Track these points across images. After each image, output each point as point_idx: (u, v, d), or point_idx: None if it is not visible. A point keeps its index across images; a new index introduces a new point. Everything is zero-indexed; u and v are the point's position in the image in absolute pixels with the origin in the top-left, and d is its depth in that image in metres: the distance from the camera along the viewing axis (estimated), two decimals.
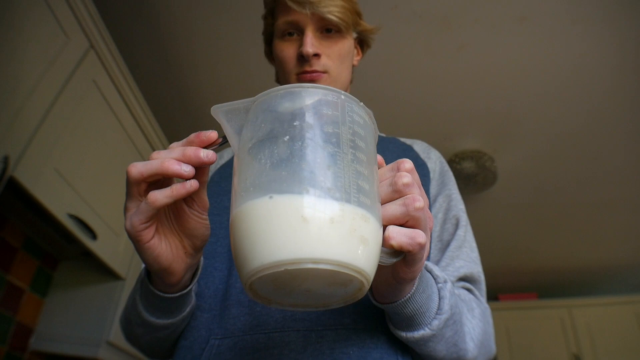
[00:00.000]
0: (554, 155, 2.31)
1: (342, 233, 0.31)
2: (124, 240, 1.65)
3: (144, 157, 1.82)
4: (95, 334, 1.54)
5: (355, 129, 0.36)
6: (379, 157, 0.41)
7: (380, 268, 0.37)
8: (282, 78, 0.78)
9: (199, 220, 0.43)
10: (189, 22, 1.74)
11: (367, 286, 0.33)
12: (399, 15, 1.69)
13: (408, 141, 0.79)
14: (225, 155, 0.81)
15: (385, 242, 0.35)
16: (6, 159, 1.08)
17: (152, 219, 0.39)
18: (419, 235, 0.35)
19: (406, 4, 1.66)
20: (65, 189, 1.33)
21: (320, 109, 0.35)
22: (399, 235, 0.35)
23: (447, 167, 0.76)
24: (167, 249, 0.42)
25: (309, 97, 0.35)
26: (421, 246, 0.36)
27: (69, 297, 1.65)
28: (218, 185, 0.72)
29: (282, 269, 0.30)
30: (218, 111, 0.38)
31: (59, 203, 1.30)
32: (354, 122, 0.36)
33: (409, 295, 0.43)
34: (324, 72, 0.73)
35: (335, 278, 0.31)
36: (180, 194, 0.38)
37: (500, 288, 3.49)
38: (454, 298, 0.48)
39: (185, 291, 0.49)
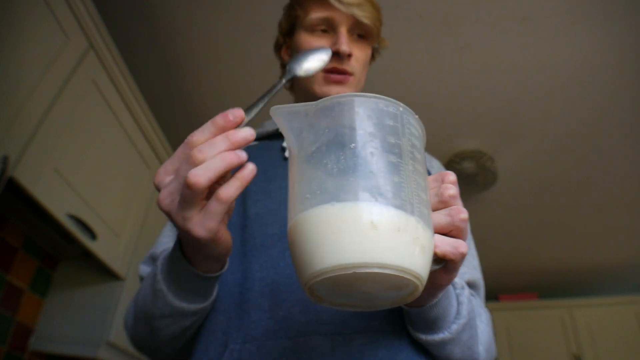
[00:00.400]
0: (554, 155, 2.31)
1: (407, 241, 0.33)
2: (124, 240, 1.65)
3: (144, 157, 1.82)
4: (95, 334, 1.54)
5: (413, 141, 0.37)
6: None
7: None
8: None
9: None
10: (189, 22, 1.74)
11: (420, 291, 0.35)
12: (401, 16, 1.69)
13: None
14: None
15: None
16: (6, 159, 1.08)
17: (224, 214, 0.39)
18: (461, 245, 0.37)
19: (408, 5, 1.66)
20: (65, 189, 1.33)
21: (383, 119, 0.36)
22: (444, 244, 0.37)
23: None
24: (226, 231, 0.43)
25: (371, 107, 0.37)
26: (463, 255, 0.37)
27: (69, 297, 1.65)
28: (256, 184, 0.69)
29: (351, 271, 0.32)
30: (278, 112, 0.38)
31: (59, 203, 1.29)
32: (412, 134, 0.37)
33: (437, 300, 0.44)
34: (352, 74, 0.73)
35: (395, 282, 0.33)
36: (247, 180, 0.38)
37: (501, 288, 3.49)
38: (471, 304, 0.50)
39: (226, 267, 0.49)
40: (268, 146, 0.74)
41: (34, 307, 1.60)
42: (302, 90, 0.78)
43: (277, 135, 0.76)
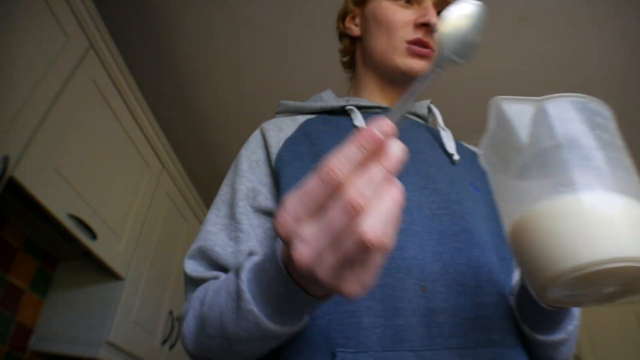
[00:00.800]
0: None
1: None
2: (124, 240, 1.65)
3: (144, 157, 1.82)
4: (95, 334, 1.54)
5: (616, 132, 0.38)
6: None
7: None
8: (383, 43, 0.70)
9: None
10: (189, 22, 1.74)
11: None
12: None
13: (471, 146, 0.76)
14: (285, 127, 0.68)
15: None
16: (6, 159, 1.08)
17: None
18: None
19: None
20: (65, 189, 1.33)
21: (595, 118, 0.37)
22: None
23: None
24: None
25: (579, 107, 0.37)
26: None
27: (69, 297, 1.65)
28: (292, 165, 0.61)
29: (606, 267, 0.31)
30: (502, 102, 0.37)
31: (59, 203, 1.29)
32: (614, 127, 0.39)
33: None
34: (434, 50, 0.68)
35: (635, 275, 0.33)
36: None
37: None
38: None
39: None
40: (333, 122, 0.68)
41: (34, 307, 1.60)
42: (375, 62, 0.72)
43: (337, 112, 0.71)
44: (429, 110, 0.75)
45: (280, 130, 0.67)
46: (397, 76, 0.70)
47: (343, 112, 0.70)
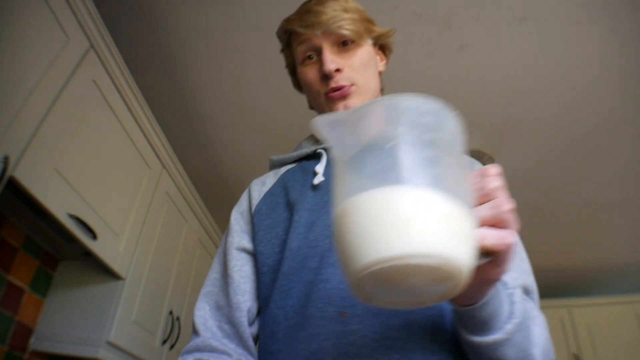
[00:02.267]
0: (554, 155, 2.31)
1: (449, 230, 0.32)
2: (124, 240, 1.65)
3: (144, 157, 1.82)
4: (95, 334, 1.54)
5: (450, 136, 0.37)
6: None
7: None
8: (313, 102, 0.80)
9: None
10: (189, 22, 1.74)
11: (463, 284, 0.34)
12: (399, 16, 1.69)
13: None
14: (268, 181, 0.80)
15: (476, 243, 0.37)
16: (6, 159, 1.08)
17: None
18: (507, 236, 0.37)
19: (406, 5, 1.66)
20: (65, 189, 1.33)
21: (418, 118, 0.37)
22: (490, 236, 0.36)
23: None
24: None
25: (403, 107, 0.37)
26: (509, 246, 0.37)
27: (69, 297, 1.65)
28: (268, 217, 0.72)
29: (390, 264, 0.31)
30: (320, 123, 0.39)
31: (59, 203, 1.30)
32: (445, 130, 0.38)
33: (487, 298, 0.44)
34: (351, 84, 0.74)
35: (438, 274, 0.33)
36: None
37: None
38: (524, 304, 0.49)
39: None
40: (305, 168, 0.77)
41: (34, 307, 1.60)
42: (318, 112, 0.81)
43: (314, 156, 0.79)
44: None
45: (264, 184, 0.79)
46: None
47: (318, 154, 0.79)
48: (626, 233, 2.90)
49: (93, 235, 1.44)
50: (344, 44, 0.75)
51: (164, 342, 1.92)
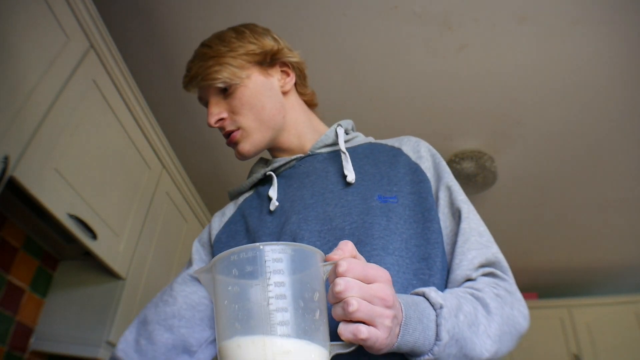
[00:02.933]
0: (554, 155, 2.31)
1: None
2: (124, 240, 1.65)
3: (144, 157, 1.82)
4: (95, 334, 1.54)
5: (276, 269, 0.42)
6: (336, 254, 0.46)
7: None
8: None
9: None
10: (189, 22, 1.74)
11: None
12: (399, 16, 1.69)
13: (396, 143, 0.79)
14: (227, 212, 0.82)
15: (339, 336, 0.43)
16: (6, 159, 1.08)
17: None
18: (360, 332, 0.42)
19: (406, 4, 1.66)
20: (65, 189, 1.33)
21: (242, 266, 0.43)
22: (345, 332, 0.42)
23: (438, 158, 0.76)
24: None
25: (228, 261, 0.44)
26: (364, 339, 0.42)
27: (69, 297, 1.65)
28: (227, 245, 0.74)
29: None
30: (197, 274, 0.47)
31: (59, 203, 1.30)
32: (274, 266, 0.43)
33: (395, 344, 0.47)
34: (237, 129, 0.77)
35: None
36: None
37: None
38: (454, 319, 0.51)
39: None
40: (261, 194, 0.80)
41: (34, 307, 1.60)
42: None
43: (266, 179, 0.82)
44: (336, 134, 0.80)
45: (224, 214, 0.82)
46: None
47: (269, 177, 0.81)
48: (626, 233, 2.90)
49: (93, 235, 1.44)
50: (224, 90, 0.77)
51: None
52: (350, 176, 0.71)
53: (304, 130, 0.82)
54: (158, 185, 1.94)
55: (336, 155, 0.77)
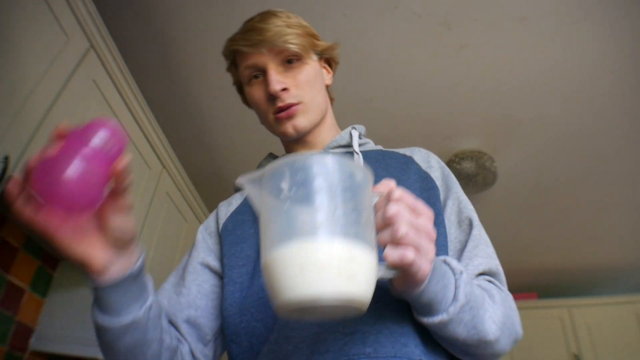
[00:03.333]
0: (554, 155, 2.31)
1: (351, 274, 0.40)
2: None
3: (144, 157, 1.83)
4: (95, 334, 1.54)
5: (340, 182, 0.43)
6: (387, 182, 0.47)
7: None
8: (263, 120, 0.81)
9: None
10: (189, 22, 1.74)
11: (365, 309, 0.42)
12: (399, 16, 1.69)
13: (407, 152, 0.81)
14: (234, 202, 0.83)
15: (385, 260, 0.44)
16: (6, 159, 1.08)
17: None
18: (407, 255, 0.43)
19: (406, 4, 1.66)
20: None
21: (307, 175, 0.43)
22: (393, 254, 0.43)
23: (447, 170, 0.78)
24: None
25: (298, 166, 0.43)
26: (410, 263, 0.43)
27: (70, 297, 1.65)
28: (233, 233, 0.74)
29: (297, 306, 0.40)
30: (242, 182, 0.45)
31: None
32: (335, 176, 0.43)
33: (421, 288, 0.49)
34: (298, 103, 0.75)
35: (343, 308, 0.41)
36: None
37: None
38: (470, 287, 0.53)
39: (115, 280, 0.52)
40: None
41: (34, 307, 1.60)
42: (271, 132, 0.82)
43: None
44: (351, 136, 0.81)
45: (230, 204, 0.82)
46: (287, 139, 0.80)
47: None
48: (626, 233, 2.90)
49: None
50: (289, 62, 0.75)
51: None
52: None
53: (329, 127, 0.83)
54: (158, 185, 1.94)
55: (349, 157, 0.78)
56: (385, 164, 0.76)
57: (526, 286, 3.50)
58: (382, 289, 0.55)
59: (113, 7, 1.66)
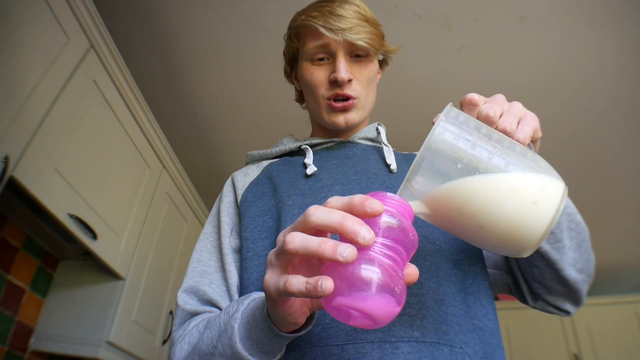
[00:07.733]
0: (553, 155, 2.31)
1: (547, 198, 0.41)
2: (124, 240, 1.65)
3: (144, 157, 1.83)
4: (95, 334, 1.54)
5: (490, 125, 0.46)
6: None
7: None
8: (311, 101, 0.80)
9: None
10: (189, 21, 1.74)
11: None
12: (399, 16, 1.69)
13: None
14: (251, 172, 0.80)
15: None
16: (6, 159, 1.08)
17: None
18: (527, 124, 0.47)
19: (406, 5, 1.66)
20: (65, 189, 1.33)
21: (479, 126, 0.45)
22: (521, 132, 0.45)
23: None
24: (297, 307, 0.44)
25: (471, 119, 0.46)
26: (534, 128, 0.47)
27: (69, 297, 1.65)
28: (254, 205, 0.72)
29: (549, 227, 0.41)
30: (445, 121, 0.44)
31: (59, 203, 1.30)
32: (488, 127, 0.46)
33: None
34: (356, 97, 0.75)
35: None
36: (311, 296, 0.36)
37: None
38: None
39: (303, 331, 0.49)
40: (291, 161, 0.78)
41: (34, 307, 1.60)
42: (312, 114, 0.82)
43: (297, 152, 0.82)
44: (378, 131, 0.83)
45: (247, 175, 0.79)
46: (330, 127, 0.79)
47: (301, 151, 0.81)
48: (626, 233, 2.90)
49: (93, 235, 1.44)
50: (357, 56, 0.76)
51: (164, 342, 1.92)
52: (394, 165, 0.72)
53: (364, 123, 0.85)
54: (158, 185, 1.94)
55: (375, 149, 0.79)
56: (408, 162, 0.77)
57: None
58: (420, 280, 0.56)
59: (113, 7, 1.66)
